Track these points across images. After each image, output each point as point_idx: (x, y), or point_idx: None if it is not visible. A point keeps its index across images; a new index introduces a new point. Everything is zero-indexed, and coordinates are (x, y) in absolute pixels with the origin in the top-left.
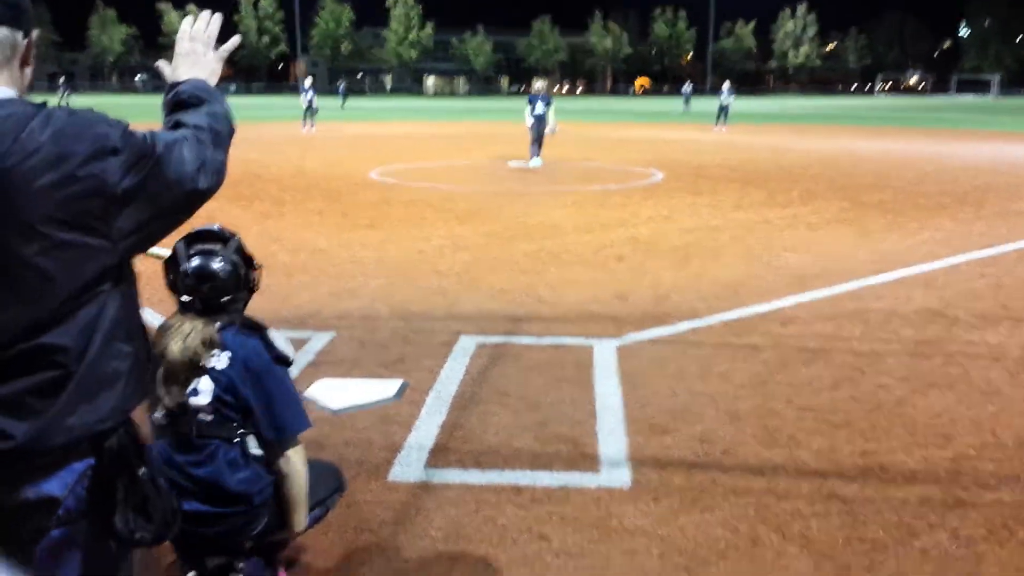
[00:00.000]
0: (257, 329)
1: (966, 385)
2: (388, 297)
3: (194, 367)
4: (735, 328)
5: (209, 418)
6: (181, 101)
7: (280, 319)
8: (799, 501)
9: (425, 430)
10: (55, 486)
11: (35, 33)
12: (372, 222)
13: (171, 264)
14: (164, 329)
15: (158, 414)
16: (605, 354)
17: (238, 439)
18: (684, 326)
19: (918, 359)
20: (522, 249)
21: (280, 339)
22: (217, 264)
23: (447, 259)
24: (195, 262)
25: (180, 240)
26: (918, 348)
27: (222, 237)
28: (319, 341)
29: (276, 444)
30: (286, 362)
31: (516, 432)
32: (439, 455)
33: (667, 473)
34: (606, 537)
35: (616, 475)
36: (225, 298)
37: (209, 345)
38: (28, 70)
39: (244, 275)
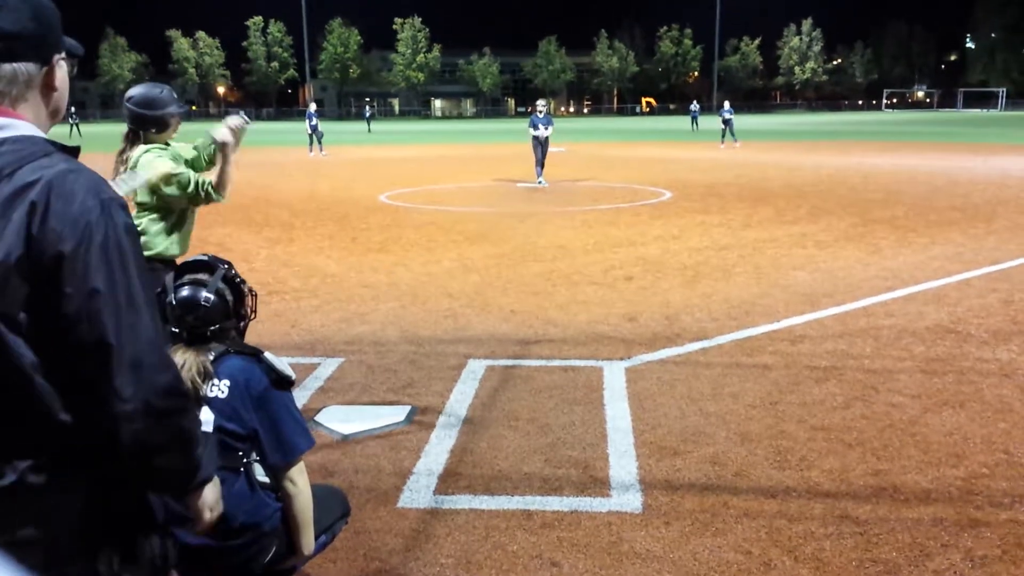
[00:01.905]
0: (254, 354)
1: (978, 403)
2: (398, 321)
3: (194, 399)
4: (745, 348)
5: None
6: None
7: (290, 345)
8: (812, 523)
9: (434, 455)
10: (40, 528)
11: (57, 57)
12: (382, 246)
13: (161, 295)
14: None
15: None
16: (615, 376)
17: (243, 468)
18: (694, 346)
19: (930, 376)
20: (532, 270)
21: (278, 360)
22: (203, 294)
23: (457, 281)
24: (181, 293)
25: (171, 271)
26: (930, 365)
27: (210, 267)
28: (328, 367)
29: (281, 467)
30: (288, 383)
31: (526, 456)
32: (449, 480)
33: (678, 496)
34: (618, 563)
35: (627, 499)
36: (212, 328)
37: (204, 376)
38: (56, 94)
39: (232, 304)
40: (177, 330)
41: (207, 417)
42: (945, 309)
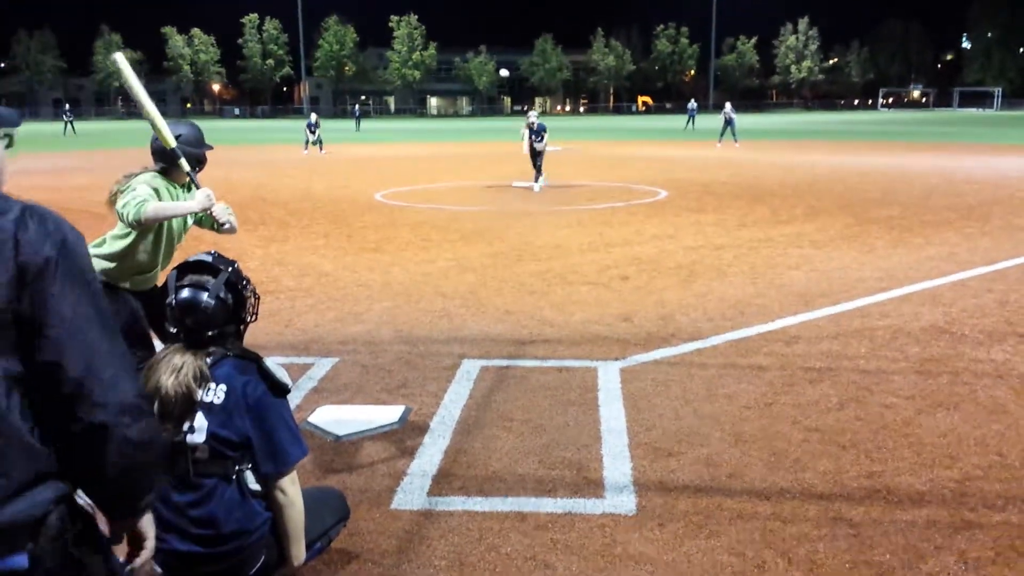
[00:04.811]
0: (253, 360)
1: (972, 404)
2: (392, 321)
3: (188, 402)
4: (740, 348)
5: (205, 456)
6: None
7: (284, 344)
8: (805, 525)
9: (428, 456)
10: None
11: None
12: (377, 245)
13: (163, 293)
14: (155, 363)
15: None
16: (609, 376)
17: (235, 476)
18: (689, 347)
19: (924, 377)
20: (528, 270)
21: (276, 368)
22: (203, 298)
23: (452, 281)
24: (182, 294)
25: (173, 269)
26: (924, 366)
27: (213, 269)
28: (322, 367)
29: (273, 476)
30: (284, 391)
31: (520, 457)
32: (443, 482)
33: (672, 498)
34: (611, 565)
35: (621, 500)
36: (211, 332)
37: (201, 379)
38: None
39: (232, 309)
40: (175, 331)
41: (200, 424)
42: (940, 310)
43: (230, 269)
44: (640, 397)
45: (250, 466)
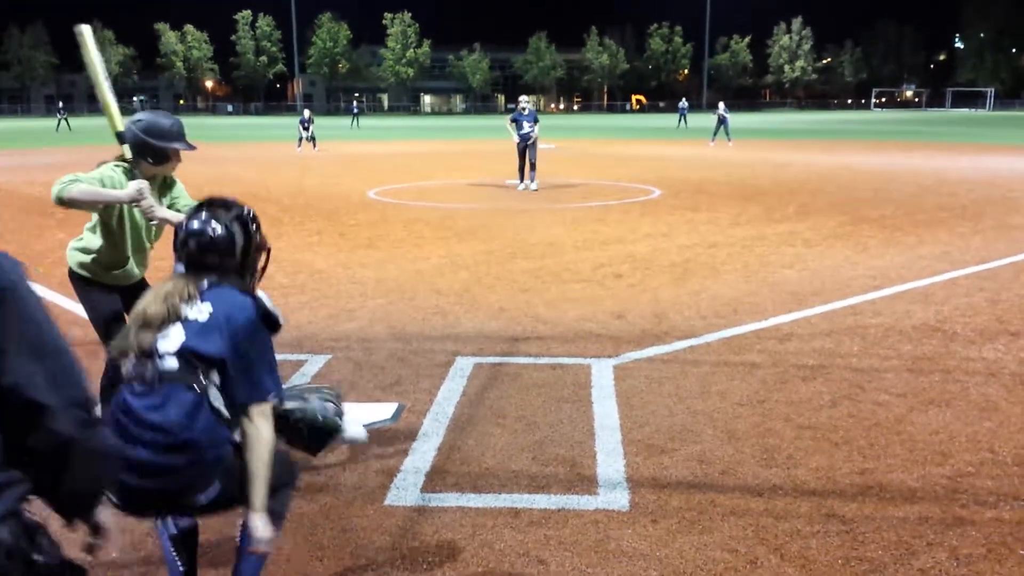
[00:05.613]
0: (248, 293)
1: (964, 401)
2: (386, 318)
3: (172, 317)
4: (733, 346)
5: (174, 365)
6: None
7: (277, 342)
8: (798, 521)
9: (422, 453)
10: None
11: None
12: (370, 242)
13: (180, 225)
14: (148, 290)
15: (128, 363)
16: (603, 373)
17: (200, 389)
18: (682, 344)
19: (916, 375)
20: (521, 267)
21: (271, 304)
22: (211, 224)
23: (446, 278)
24: (193, 223)
25: (194, 205)
26: (916, 364)
27: (229, 205)
28: (315, 364)
29: (246, 405)
30: (275, 324)
31: (513, 454)
32: (436, 478)
33: (665, 494)
34: (604, 561)
35: (614, 497)
36: (211, 258)
37: (186, 297)
38: None
39: (241, 244)
40: (178, 255)
41: (176, 333)
42: (932, 308)
43: (244, 208)
44: (633, 394)
45: (217, 386)
